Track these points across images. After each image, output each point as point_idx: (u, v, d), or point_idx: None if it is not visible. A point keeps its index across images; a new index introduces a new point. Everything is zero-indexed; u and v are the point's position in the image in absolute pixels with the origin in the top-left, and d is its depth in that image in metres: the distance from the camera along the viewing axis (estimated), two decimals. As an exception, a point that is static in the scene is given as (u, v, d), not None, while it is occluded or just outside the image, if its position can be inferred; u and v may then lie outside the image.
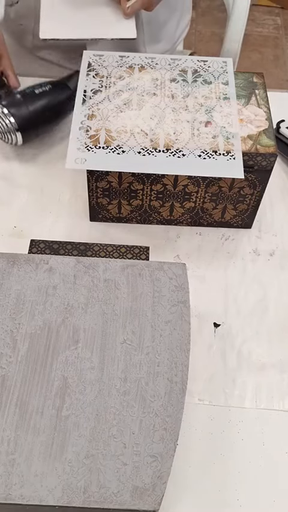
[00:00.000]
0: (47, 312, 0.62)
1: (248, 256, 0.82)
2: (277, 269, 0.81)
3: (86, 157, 0.72)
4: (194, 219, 0.83)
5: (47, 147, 0.93)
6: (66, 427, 0.55)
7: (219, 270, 0.80)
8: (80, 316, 0.62)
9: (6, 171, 0.90)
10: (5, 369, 0.58)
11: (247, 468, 0.64)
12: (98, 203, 0.81)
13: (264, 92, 0.81)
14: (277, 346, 0.74)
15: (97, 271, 0.65)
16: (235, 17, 1.18)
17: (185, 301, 0.63)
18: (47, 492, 0.53)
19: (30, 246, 0.71)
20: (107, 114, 0.77)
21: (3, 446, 0.54)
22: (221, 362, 0.72)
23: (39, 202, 0.86)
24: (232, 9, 1.19)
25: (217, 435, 0.66)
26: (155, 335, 0.61)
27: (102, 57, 0.83)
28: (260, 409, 0.69)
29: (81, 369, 0.58)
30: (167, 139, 0.74)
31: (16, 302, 0.62)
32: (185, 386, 0.58)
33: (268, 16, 2.49)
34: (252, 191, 0.79)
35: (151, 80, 0.81)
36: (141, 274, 0.65)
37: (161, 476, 0.54)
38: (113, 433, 0.55)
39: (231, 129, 0.76)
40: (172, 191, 0.79)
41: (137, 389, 0.58)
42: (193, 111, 0.77)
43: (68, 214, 0.85)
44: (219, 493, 0.63)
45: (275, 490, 0.63)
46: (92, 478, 0.53)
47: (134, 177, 0.77)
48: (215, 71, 0.83)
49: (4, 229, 0.83)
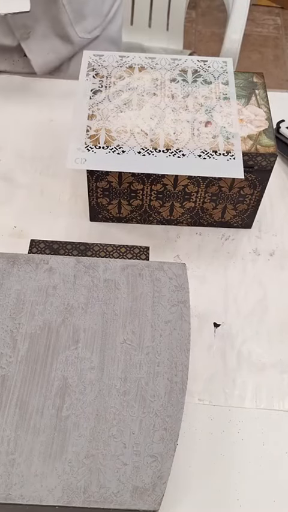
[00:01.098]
0: (47, 312, 0.62)
1: (248, 256, 0.82)
2: (277, 269, 0.81)
3: (86, 157, 0.72)
4: (194, 219, 0.83)
5: (47, 147, 0.93)
6: (66, 427, 0.55)
7: (219, 270, 0.80)
8: (80, 316, 0.62)
9: (7, 171, 0.90)
10: (5, 369, 0.58)
11: (247, 468, 0.64)
12: (98, 203, 0.81)
13: (264, 92, 0.81)
14: (277, 346, 0.74)
15: (97, 271, 0.65)
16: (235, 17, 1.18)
17: (185, 301, 0.63)
18: (47, 492, 0.53)
19: (30, 246, 0.71)
20: (107, 114, 0.77)
21: (3, 446, 0.54)
22: (221, 362, 0.72)
23: (39, 202, 0.86)
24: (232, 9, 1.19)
25: (217, 435, 0.66)
26: (155, 335, 0.61)
27: (102, 57, 0.83)
28: (260, 409, 0.69)
29: (81, 369, 0.58)
30: (167, 139, 0.74)
31: (16, 302, 0.62)
32: (185, 387, 0.58)
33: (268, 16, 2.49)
34: (252, 191, 0.79)
35: (151, 80, 0.81)
36: (141, 274, 0.65)
37: (161, 476, 0.54)
38: (113, 433, 0.55)
39: (231, 129, 0.76)
40: (172, 191, 0.79)
41: (137, 389, 0.58)
42: (193, 111, 0.77)
43: (68, 214, 0.85)
44: (219, 493, 0.63)
45: (275, 490, 0.63)
46: (92, 478, 0.53)
47: (134, 177, 0.77)
48: (215, 71, 0.83)
49: (4, 229, 0.83)
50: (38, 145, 0.93)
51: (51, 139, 0.94)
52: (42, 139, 0.93)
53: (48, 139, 0.94)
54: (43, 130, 0.95)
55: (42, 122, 0.96)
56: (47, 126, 0.96)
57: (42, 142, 0.93)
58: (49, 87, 1.02)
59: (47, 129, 0.95)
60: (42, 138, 0.93)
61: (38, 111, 0.98)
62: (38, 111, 0.98)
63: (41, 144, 0.93)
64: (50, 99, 0.99)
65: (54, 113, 0.97)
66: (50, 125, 0.96)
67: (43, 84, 1.02)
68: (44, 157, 0.91)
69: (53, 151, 0.92)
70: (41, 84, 1.02)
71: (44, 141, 0.93)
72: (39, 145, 0.93)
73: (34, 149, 0.92)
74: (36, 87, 1.02)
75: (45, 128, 0.95)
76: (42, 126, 0.95)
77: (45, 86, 1.02)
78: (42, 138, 0.93)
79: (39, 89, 1.02)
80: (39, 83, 1.02)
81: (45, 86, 1.02)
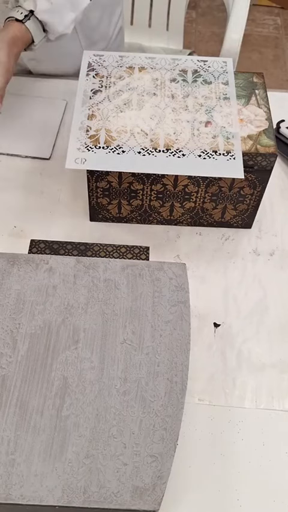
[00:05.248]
0: (47, 312, 0.62)
1: (248, 256, 0.82)
2: (277, 269, 0.81)
3: (86, 157, 0.72)
4: (194, 219, 0.83)
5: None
6: (66, 427, 0.55)
7: (219, 270, 0.80)
8: (80, 316, 0.62)
9: (7, 171, 0.90)
10: (5, 369, 0.58)
11: (247, 468, 0.64)
12: (98, 203, 0.81)
13: (264, 92, 0.81)
14: (277, 346, 0.74)
15: (97, 271, 0.65)
16: (235, 17, 1.18)
17: (185, 301, 0.63)
18: (47, 492, 0.53)
19: (30, 246, 0.71)
20: (107, 114, 0.77)
21: (3, 446, 0.54)
22: (221, 362, 0.72)
23: (39, 202, 0.86)
24: (232, 9, 1.19)
25: (217, 435, 0.66)
26: (155, 335, 0.61)
27: (102, 57, 0.83)
28: (260, 409, 0.69)
29: (81, 369, 0.58)
30: (167, 139, 0.74)
31: (16, 302, 0.62)
32: (185, 387, 0.58)
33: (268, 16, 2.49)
34: (252, 191, 0.79)
35: (151, 80, 0.81)
36: (141, 274, 0.65)
37: (161, 476, 0.54)
38: (113, 433, 0.55)
39: (231, 129, 0.76)
40: (172, 191, 0.79)
41: (137, 389, 0.58)
42: (193, 111, 0.77)
43: (68, 214, 0.85)
44: (219, 493, 0.63)
45: (275, 490, 0.63)
46: (92, 478, 0.53)
47: (134, 177, 0.77)
48: (215, 71, 0.83)
49: (4, 229, 0.83)
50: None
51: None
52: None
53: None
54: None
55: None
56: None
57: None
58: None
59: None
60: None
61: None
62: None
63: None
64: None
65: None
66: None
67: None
68: (44, 157, 0.91)
69: (53, 151, 0.92)
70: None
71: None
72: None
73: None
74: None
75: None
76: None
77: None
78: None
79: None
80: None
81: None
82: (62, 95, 1.00)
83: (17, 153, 0.91)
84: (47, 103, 0.99)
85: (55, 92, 1.01)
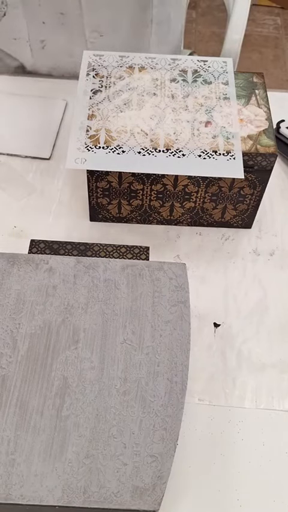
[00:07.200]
0: (47, 312, 0.62)
1: (248, 256, 0.82)
2: (277, 269, 0.81)
3: (86, 157, 0.72)
4: (194, 219, 0.83)
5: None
6: (66, 427, 0.55)
7: (219, 270, 0.80)
8: (80, 316, 0.62)
9: (7, 171, 0.90)
10: (5, 369, 0.58)
11: (247, 468, 0.64)
12: (98, 203, 0.81)
13: (264, 92, 0.81)
14: (277, 346, 0.74)
15: (97, 271, 0.65)
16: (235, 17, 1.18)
17: (185, 301, 0.63)
18: (47, 492, 0.53)
19: (30, 246, 0.71)
20: (107, 114, 0.77)
21: (3, 446, 0.54)
22: (221, 362, 0.72)
23: (39, 202, 0.86)
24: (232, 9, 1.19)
25: (217, 435, 0.66)
26: (155, 335, 0.61)
27: (102, 57, 0.83)
28: (260, 409, 0.69)
29: (81, 369, 0.58)
30: (167, 139, 0.74)
31: (16, 302, 0.62)
32: (185, 387, 0.58)
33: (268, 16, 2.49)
34: (252, 191, 0.79)
35: (151, 80, 0.81)
36: (141, 274, 0.65)
37: (161, 476, 0.54)
38: (113, 433, 0.55)
39: (231, 129, 0.76)
40: (172, 191, 0.79)
41: (137, 389, 0.58)
42: (193, 111, 0.77)
43: (68, 214, 0.85)
44: (219, 493, 0.63)
45: (275, 490, 0.63)
46: (92, 478, 0.53)
47: (134, 177, 0.77)
48: (215, 71, 0.83)
49: (4, 229, 0.83)
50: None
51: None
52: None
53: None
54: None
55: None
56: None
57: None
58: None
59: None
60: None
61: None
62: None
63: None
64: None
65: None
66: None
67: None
68: (44, 157, 0.91)
69: (53, 151, 0.92)
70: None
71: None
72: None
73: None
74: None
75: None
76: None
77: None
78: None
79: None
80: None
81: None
82: (62, 95, 1.00)
83: (17, 153, 0.91)
84: (47, 103, 0.99)
85: (55, 92, 1.01)
